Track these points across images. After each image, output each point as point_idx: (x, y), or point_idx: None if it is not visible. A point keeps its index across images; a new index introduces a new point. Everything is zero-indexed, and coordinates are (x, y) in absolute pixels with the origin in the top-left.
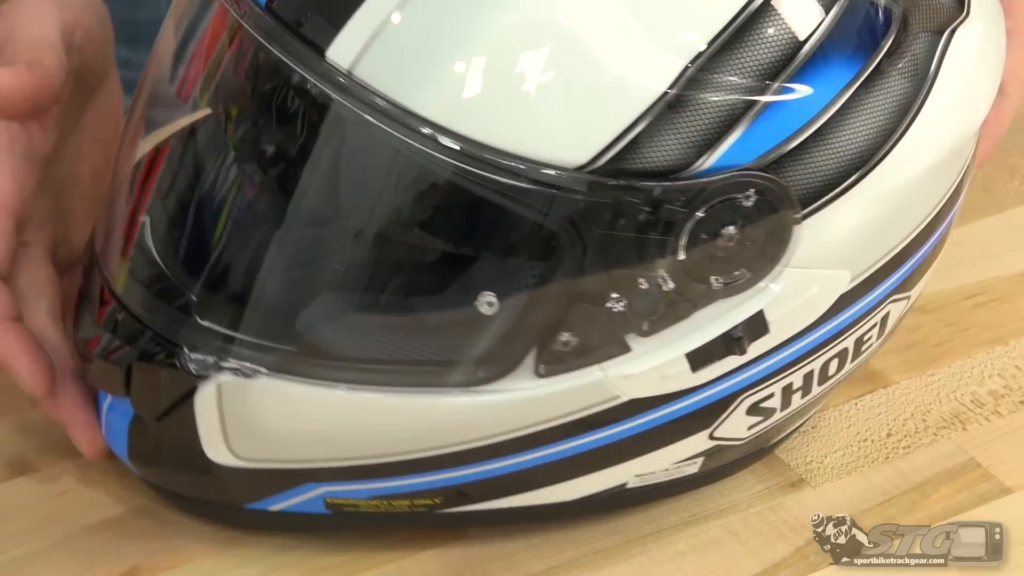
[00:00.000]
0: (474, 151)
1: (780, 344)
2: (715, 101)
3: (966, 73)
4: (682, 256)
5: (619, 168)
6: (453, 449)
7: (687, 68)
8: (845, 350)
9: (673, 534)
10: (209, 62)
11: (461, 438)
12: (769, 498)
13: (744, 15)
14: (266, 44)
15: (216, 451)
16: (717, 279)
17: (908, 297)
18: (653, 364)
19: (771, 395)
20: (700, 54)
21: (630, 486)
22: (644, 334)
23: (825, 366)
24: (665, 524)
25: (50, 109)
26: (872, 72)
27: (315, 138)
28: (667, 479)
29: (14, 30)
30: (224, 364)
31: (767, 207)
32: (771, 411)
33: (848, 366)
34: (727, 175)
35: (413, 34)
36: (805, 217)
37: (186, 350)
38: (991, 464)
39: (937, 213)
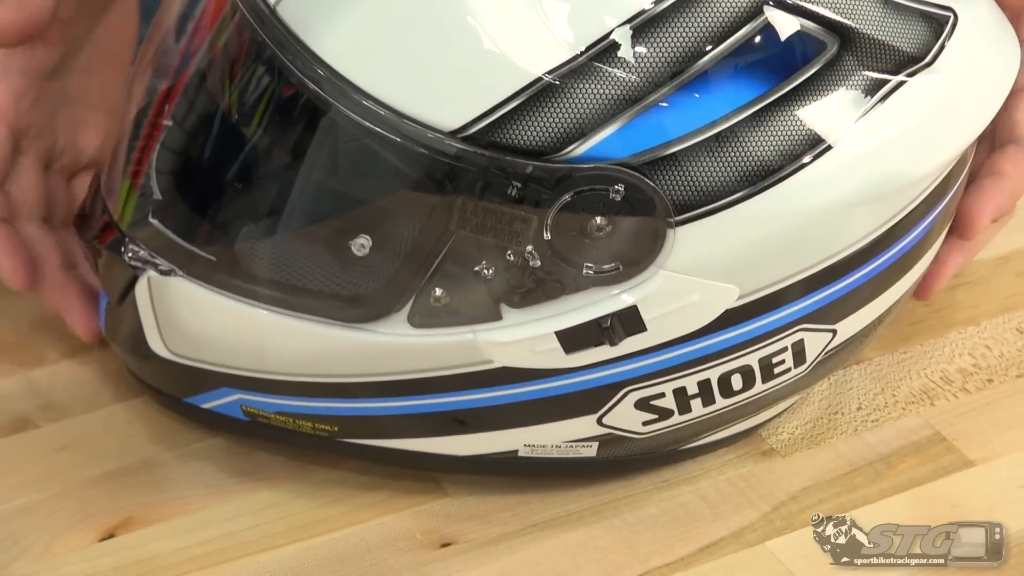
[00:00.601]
0: (357, 98)
1: (663, 344)
2: (595, 92)
3: (907, 123)
4: (548, 236)
5: (490, 140)
6: (339, 380)
7: (576, 57)
8: (749, 368)
9: (645, 498)
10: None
11: (345, 370)
12: (740, 465)
13: (646, 15)
14: None
15: (154, 341)
16: (588, 266)
17: (832, 331)
18: (523, 336)
19: (661, 394)
20: (592, 45)
21: (521, 454)
22: (515, 305)
23: (726, 379)
24: (638, 489)
25: (46, 30)
26: (780, 98)
27: (239, 67)
28: (561, 455)
29: None
30: (155, 260)
31: (636, 205)
32: (667, 411)
33: (760, 386)
34: (595, 166)
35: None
36: (682, 223)
37: (128, 242)
38: (956, 438)
39: (860, 250)
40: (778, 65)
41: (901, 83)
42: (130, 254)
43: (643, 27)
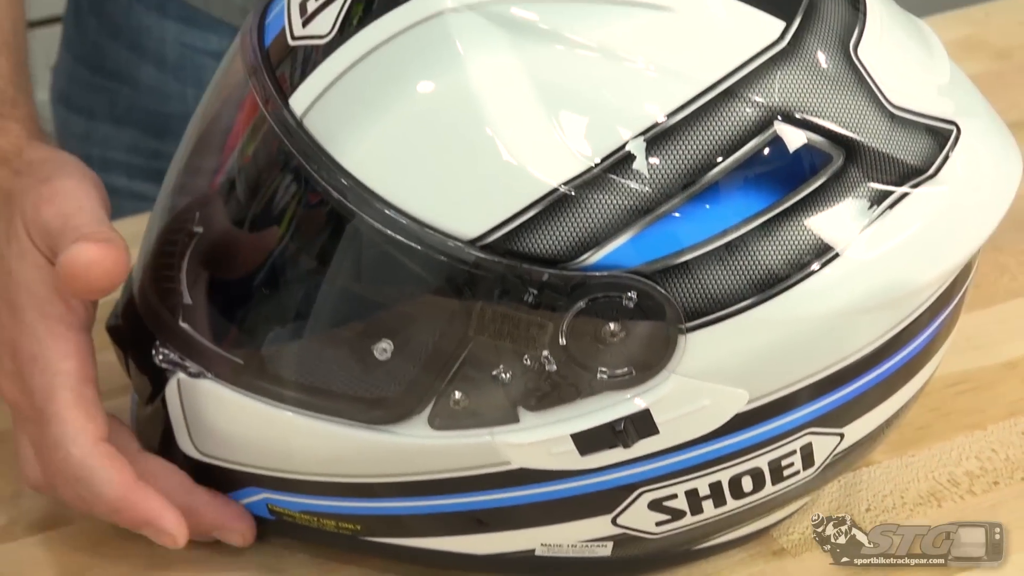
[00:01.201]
0: (380, 207)
1: (675, 447)
2: (609, 203)
3: (912, 232)
4: (563, 341)
5: (508, 248)
6: (363, 480)
7: (590, 168)
8: (759, 471)
9: None
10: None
11: (368, 471)
12: (751, 564)
13: (659, 127)
14: (250, 79)
15: (183, 441)
16: (602, 370)
17: (840, 435)
18: (540, 438)
19: (674, 495)
20: (606, 157)
21: (538, 554)
22: (531, 408)
23: (736, 480)
24: None
25: (113, 289)
26: (788, 208)
27: (266, 176)
28: (577, 555)
29: (69, 216)
30: (185, 363)
31: (648, 312)
32: (680, 512)
33: (770, 488)
34: (609, 274)
35: (351, 96)
36: (693, 329)
37: (159, 345)
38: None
39: (867, 356)
40: (786, 177)
41: (905, 194)
42: (160, 356)
43: (656, 139)
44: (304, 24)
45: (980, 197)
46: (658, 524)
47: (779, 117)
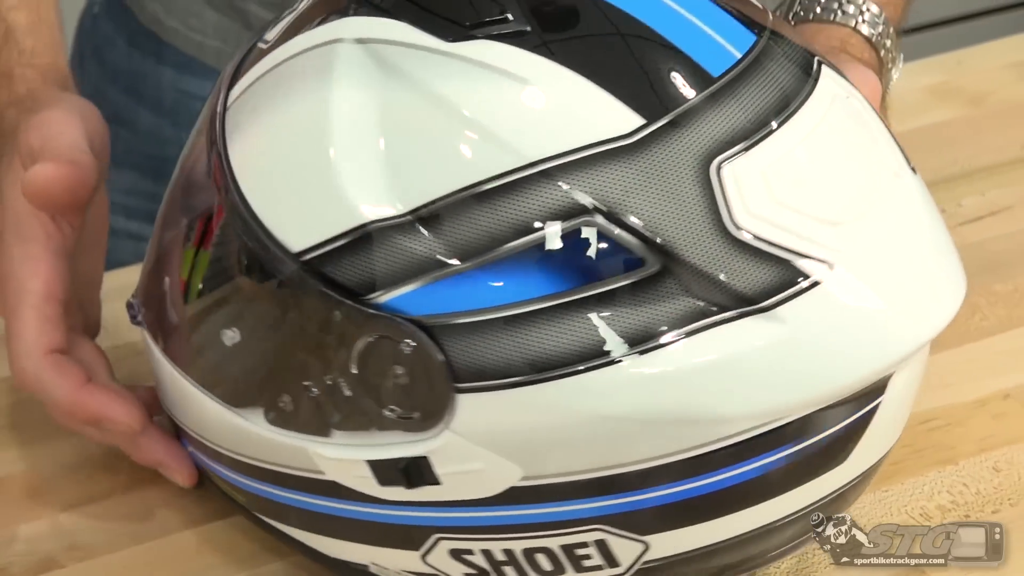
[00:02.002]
0: (240, 203)
1: (459, 503)
2: (406, 250)
3: (715, 360)
4: (354, 370)
5: (319, 269)
6: (235, 455)
7: (401, 215)
8: (552, 552)
9: None
10: None
11: (235, 448)
12: None
13: (466, 193)
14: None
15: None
16: (392, 408)
17: (643, 543)
18: (343, 456)
19: (470, 551)
20: (415, 209)
21: (372, 572)
22: (337, 427)
23: (530, 555)
24: None
25: (82, 207)
26: (579, 300)
27: (200, 155)
28: None
29: (48, 139)
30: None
31: (424, 361)
32: (482, 569)
33: (575, 574)
34: (393, 316)
35: (253, 99)
36: (465, 391)
37: (132, 302)
38: (934, 571)
39: (658, 468)
40: (583, 269)
41: (723, 320)
42: (133, 315)
43: (463, 203)
44: (271, 31)
45: (829, 347)
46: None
47: (596, 210)
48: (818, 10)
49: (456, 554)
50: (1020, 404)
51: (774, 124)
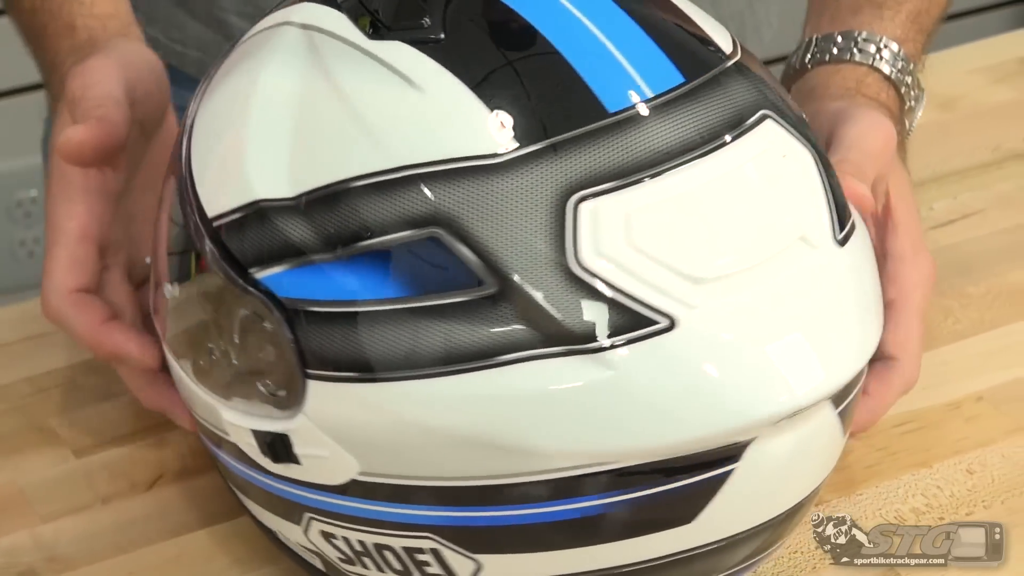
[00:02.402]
0: (186, 166)
1: (316, 486)
2: (282, 232)
3: (532, 392)
4: (236, 341)
5: (219, 239)
6: (195, 417)
7: (287, 198)
8: (396, 552)
9: None
10: None
11: (189, 406)
12: None
13: (338, 186)
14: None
15: None
16: (266, 382)
17: (475, 562)
18: (236, 421)
19: (334, 535)
20: (299, 196)
21: (280, 538)
22: (230, 392)
23: (380, 551)
24: None
25: (118, 154)
26: (413, 309)
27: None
28: (304, 557)
29: (87, 87)
30: None
31: (282, 344)
32: (347, 556)
33: None
34: (259, 295)
35: (216, 73)
36: (313, 378)
37: None
38: (908, 572)
39: (480, 489)
40: (424, 279)
41: (549, 355)
42: None
43: (334, 196)
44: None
45: (654, 402)
46: (342, 561)
47: (447, 224)
48: (835, 51)
49: (326, 536)
50: (993, 407)
51: (659, 170)
